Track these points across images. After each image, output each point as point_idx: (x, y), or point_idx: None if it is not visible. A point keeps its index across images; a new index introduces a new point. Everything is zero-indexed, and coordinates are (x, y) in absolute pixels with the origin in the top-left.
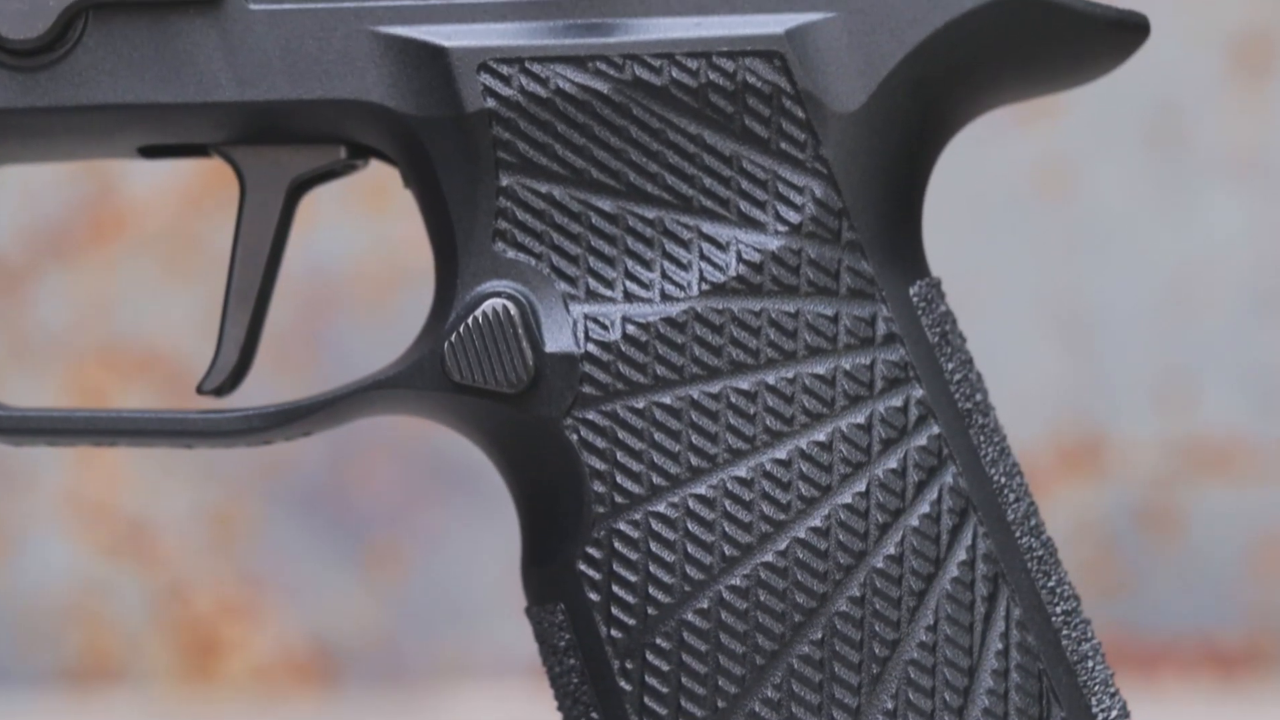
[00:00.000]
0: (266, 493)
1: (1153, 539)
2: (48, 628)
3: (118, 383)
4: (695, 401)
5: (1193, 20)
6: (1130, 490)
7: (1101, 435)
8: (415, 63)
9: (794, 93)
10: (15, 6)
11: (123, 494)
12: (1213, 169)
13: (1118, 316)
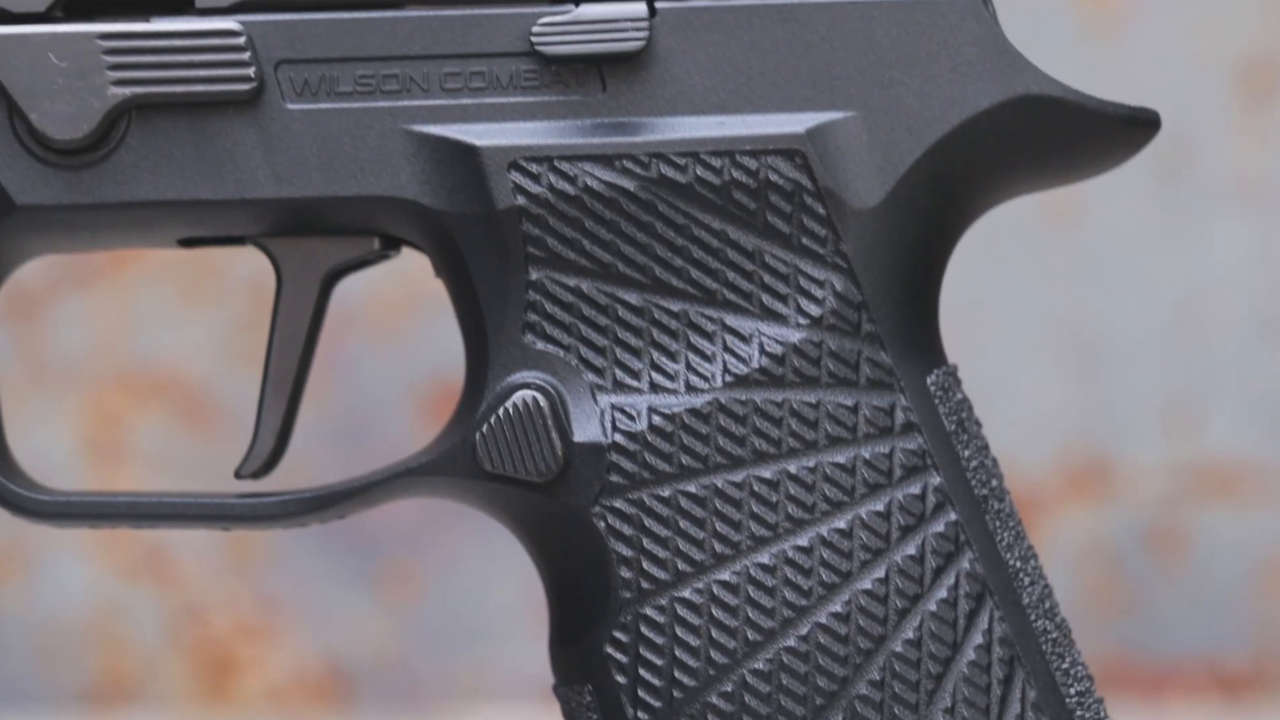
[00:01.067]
0: None
1: (1159, 562)
2: (67, 648)
3: (135, 407)
4: (719, 490)
5: (1200, 47)
6: (1137, 513)
7: (1108, 459)
8: (448, 160)
9: (815, 189)
10: (62, 109)
11: None
12: (1220, 195)
13: (1125, 341)
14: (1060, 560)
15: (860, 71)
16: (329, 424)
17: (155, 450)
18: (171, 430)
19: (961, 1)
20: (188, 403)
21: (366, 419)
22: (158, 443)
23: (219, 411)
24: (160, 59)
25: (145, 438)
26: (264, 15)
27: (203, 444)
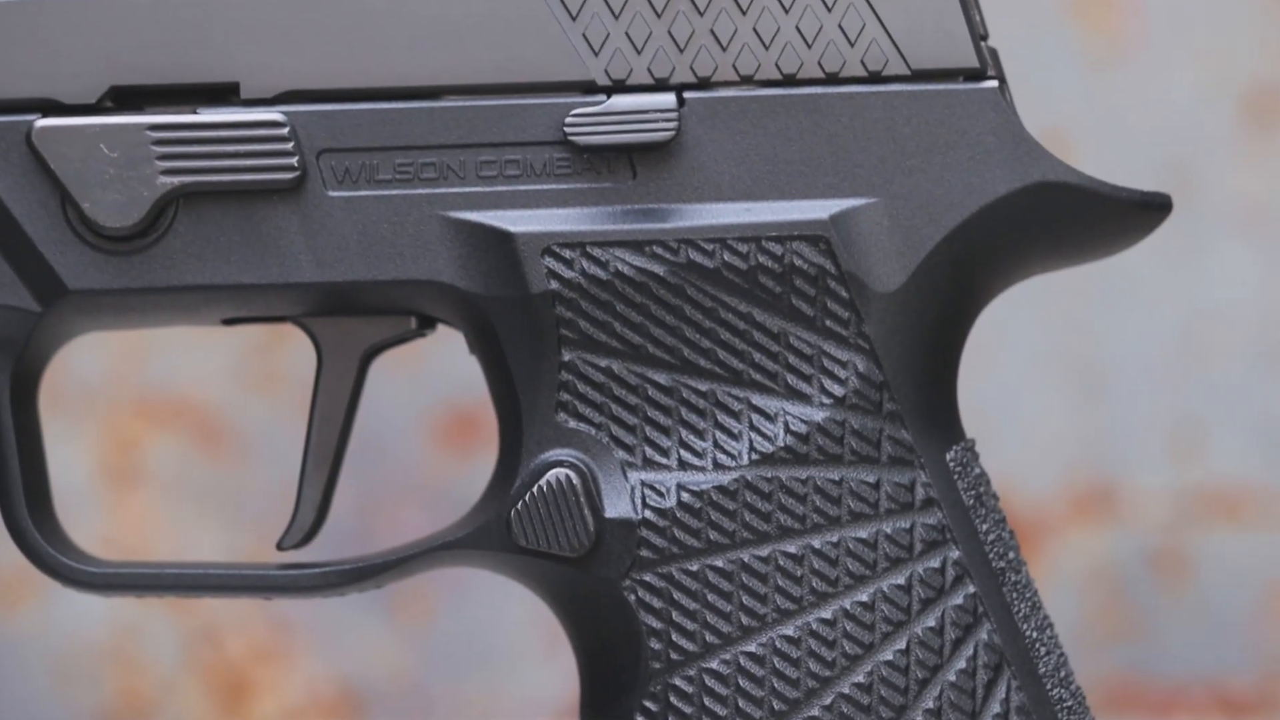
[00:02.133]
0: None
1: (1164, 585)
2: (84, 670)
3: (152, 432)
4: (746, 564)
5: (1205, 75)
6: (1142, 537)
7: (1113, 483)
8: (483, 246)
9: (838, 274)
10: (113, 197)
11: (155, 540)
12: (1224, 222)
13: (1130, 367)
14: (1065, 584)
15: (882, 159)
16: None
17: (170, 474)
18: (186, 454)
19: (979, 92)
20: (202, 427)
21: (380, 445)
22: (173, 467)
23: (233, 436)
24: (207, 149)
25: (160, 462)
26: (307, 106)
27: (217, 467)
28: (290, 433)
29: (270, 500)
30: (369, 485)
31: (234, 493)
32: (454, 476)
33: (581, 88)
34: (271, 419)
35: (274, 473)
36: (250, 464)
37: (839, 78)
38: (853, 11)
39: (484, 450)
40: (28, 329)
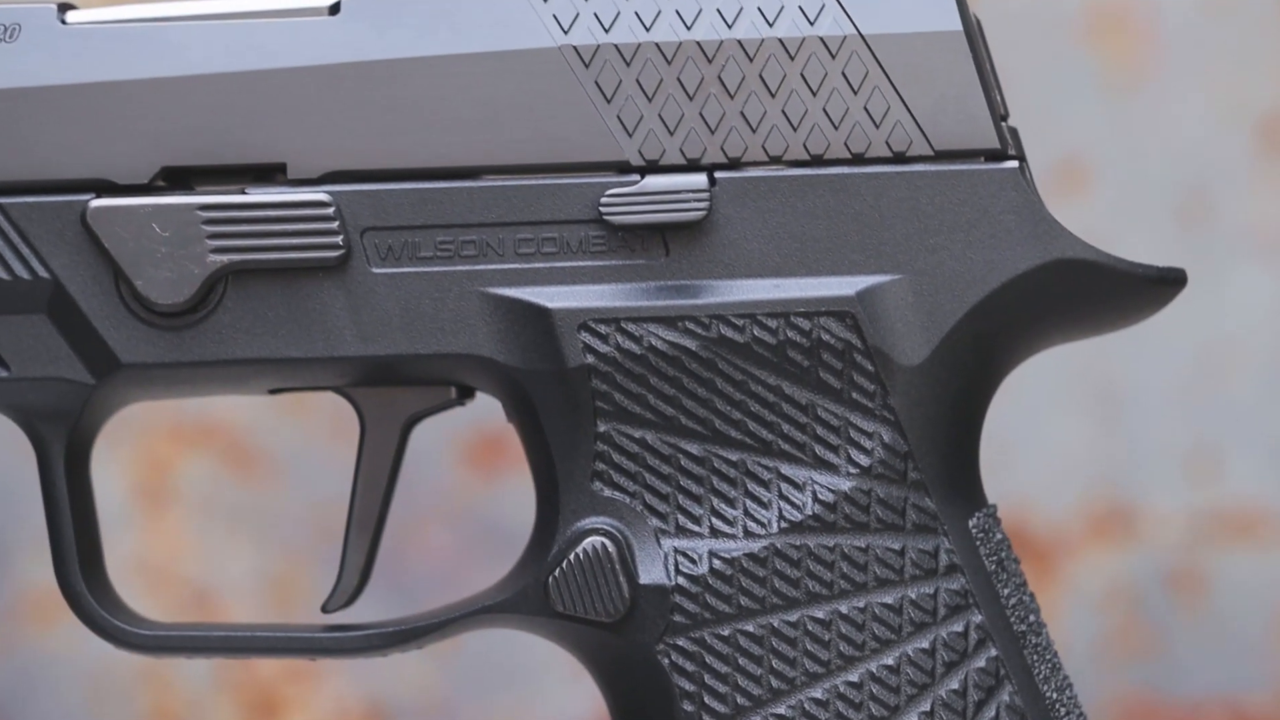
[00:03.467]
0: (323, 557)
1: (1180, 605)
2: (118, 689)
3: (183, 453)
4: (776, 629)
5: (1220, 100)
6: (1159, 557)
7: (1131, 504)
8: (522, 321)
9: (864, 348)
10: (165, 275)
11: (186, 560)
12: (1239, 246)
13: (1147, 391)
14: (1083, 604)
15: (906, 237)
16: None
17: (202, 495)
18: (218, 476)
19: (1001, 172)
20: (234, 449)
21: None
22: (204, 488)
23: (263, 458)
24: (255, 228)
25: (192, 483)
26: (351, 186)
27: (248, 489)
28: (320, 455)
29: (299, 522)
30: (397, 507)
31: (264, 514)
32: (481, 498)
33: (616, 168)
34: (302, 442)
35: (304, 494)
36: (280, 486)
37: (865, 158)
38: (878, 94)
39: (511, 472)
40: (82, 401)
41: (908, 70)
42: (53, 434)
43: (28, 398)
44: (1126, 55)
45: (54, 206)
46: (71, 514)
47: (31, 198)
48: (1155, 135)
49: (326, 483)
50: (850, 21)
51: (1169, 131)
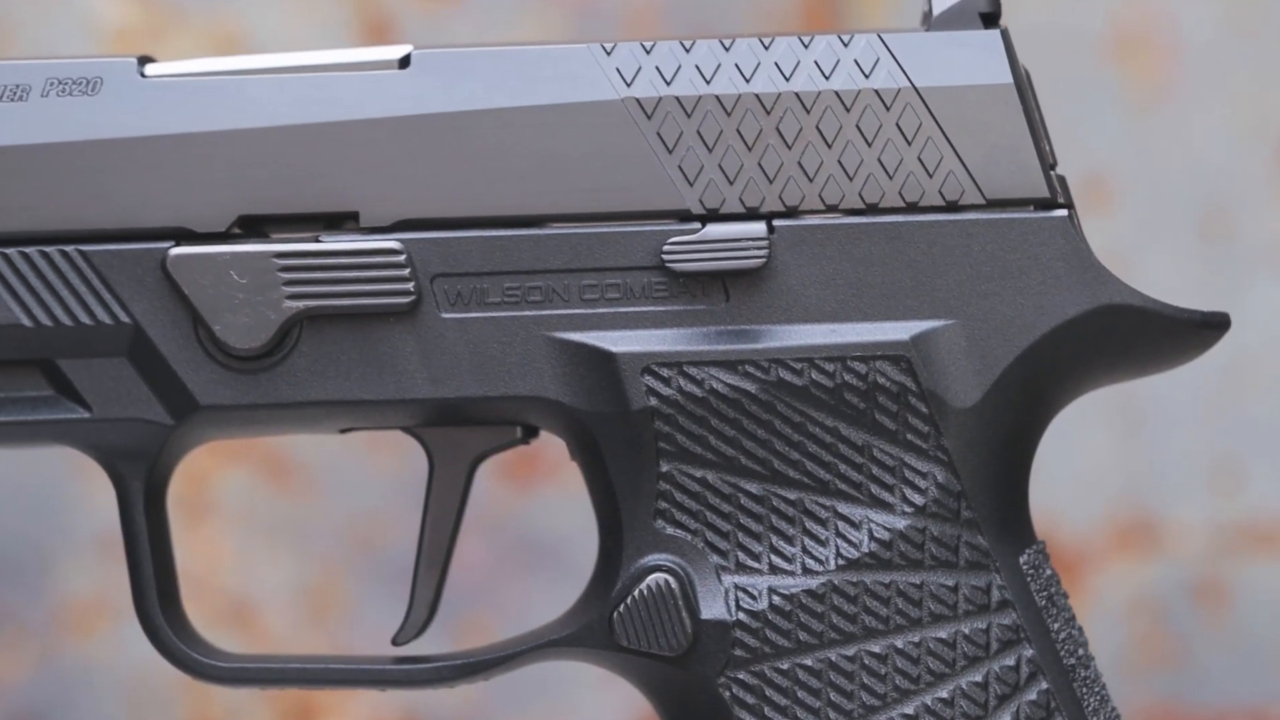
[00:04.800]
0: (360, 568)
1: (1204, 615)
2: (156, 696)
3: (222, 466)
4: (833, 663)
5: (1241, 118)
6: (1182, 568)
7: (1155, 516)
8: (586, 365)
9: (919, 391)
10: (242, 320)
11: (224, 571)
12: (1261, 262)
13: (1171, 405)
14: (1108, 614)
15: (959, 283)
16: (408, 485)
17: (239, 507)
18: (255, 488)
19: (1051, 220)
20: (271, 462)
21: None
22: (242, 500)
23: (301, 470)
24: (329, 275)
25: (230, 495)
26: (421, 234)
27: (285, 501)
28: (357, 468)
29: (337, 534)
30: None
31: (301, 526)
32: (514, 510)
33: (678, 216)
34: (339, 454)
35: (341, 507)
36: (317, 498)
37: (918, 206)
38: (931, 145)
39: (543, 485)
40: (161, 441)
41: (960, 122)
42: (132, 473)
43: (109, 438)
44: (1149, 74)
45: (135, 254)
46: (150, 549)
47: (113, 245)
48: (1177, 153)
49: (364, 495)
50: (904, 75)
51: (1191, 149)
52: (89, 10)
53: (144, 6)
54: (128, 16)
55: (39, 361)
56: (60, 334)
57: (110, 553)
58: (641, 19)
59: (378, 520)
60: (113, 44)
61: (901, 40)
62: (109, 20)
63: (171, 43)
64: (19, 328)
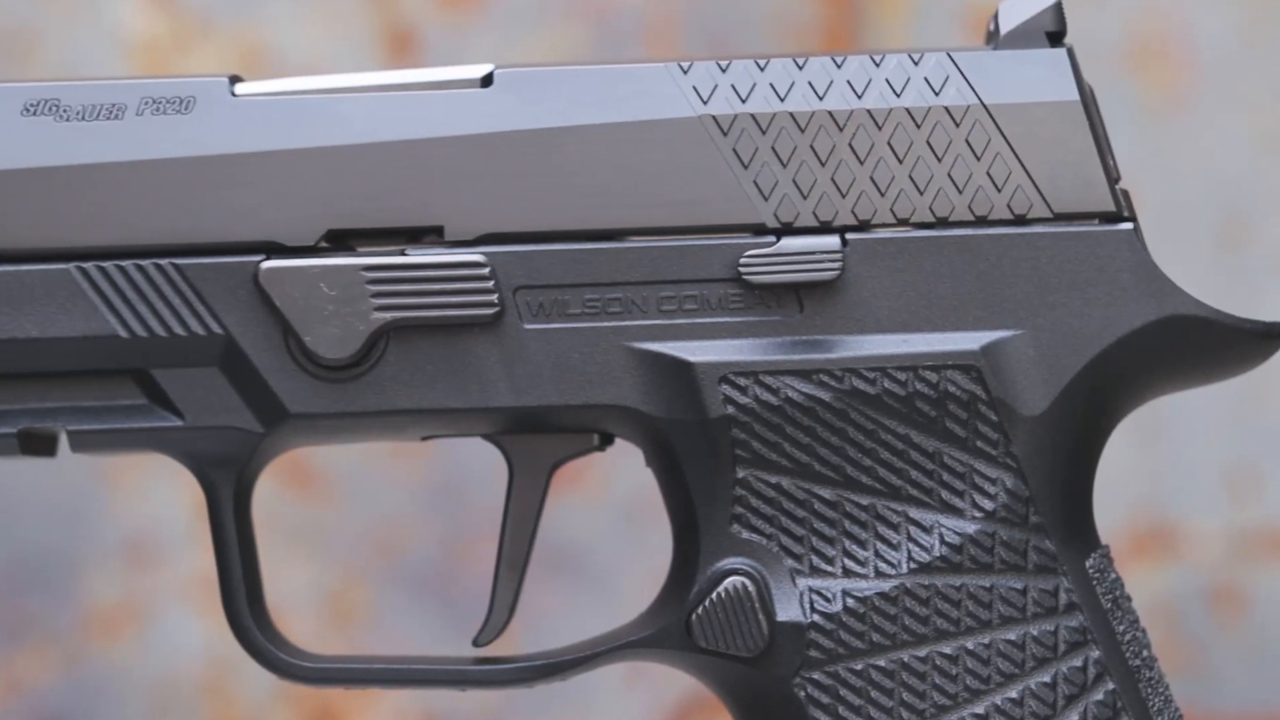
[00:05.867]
0: (381, 574)
1: (1221, 620)
2: (181, 701)
3: None
4: (906, 664)
5: (1258, 126)
6: (1200, 574)
7: (1173, 522)
8: (665, 374)
9: (988, 399)
10: (332, 331)
11: None
12: (1278, 269)
13: (1188, 412)
14: None
15: (1027, 295)
16: (429, 492)
17: (262, 513)
18: (279, 494)
19: (1116, 233)
20: (294, 468)
21: (464, 487)
22: (265, 506)
23: (323, 477)
24: (416, 287)
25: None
26: (505, 247)
27: (307, 508)
28: (379, 474)
29: (359, 540)
30: (455, 525)
31: (323, 532)
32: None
33: (752, 230)
34: (361, 461)
35: (362, 513)
36: (339, 504)
37: (987, 220)
38: (1000, 160)
39: (564, 492)
40: (251, 448)
41: (1028, 137)
42: (222, 479)
43: (200, 445)
44: (1166, 84)
45: (227, 267)
46: (239, 552)
47: (206, 259)
48: (1194, 162)
49: (385, 502)
50: (973, 92)
51: (1208, 158)
52: (115, 23)
53: (170, 19)
54: (153, 29)
55: (133, 371)
56: (155, 345)
57: (135, 559)
58: (661, 32)
59: (399, 527)
60: (138, 57)
61: (970, 58)
62: (135, 33)
63: (196, 55)
64: (115, 339)
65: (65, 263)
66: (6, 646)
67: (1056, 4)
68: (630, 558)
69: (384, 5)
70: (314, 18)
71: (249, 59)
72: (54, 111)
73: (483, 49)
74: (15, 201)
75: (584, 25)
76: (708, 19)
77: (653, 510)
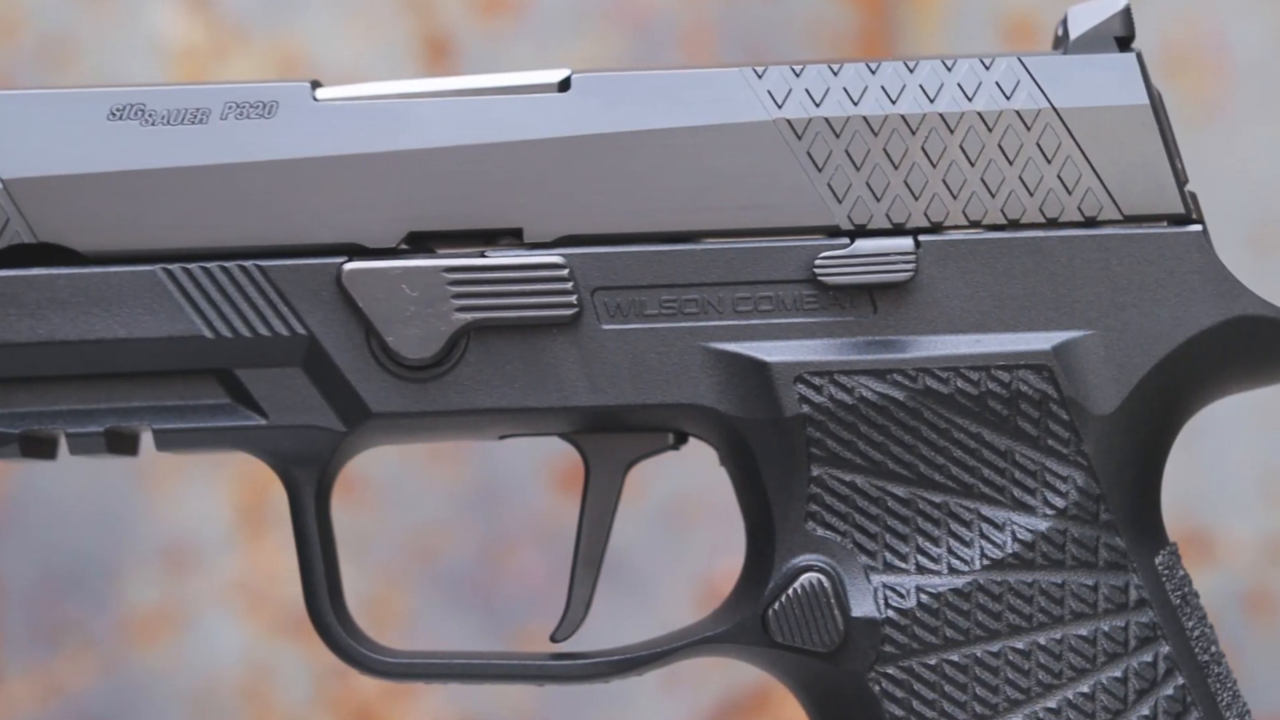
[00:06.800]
0: (419, 579)
1: (1257, 624)
2: (220, 705)
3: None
4: (979, 659)
5: None
6: (1235, 579)
7: (1209, 527)
8: (741, 374)
9: (1060, 399)
10: (414, 332)
11: (285, 582)
12: None
13: (1224, 417)
14: None
15: (1098, 296)
16: (466, 497)
17: None
18: None
19: (1186, 235)
20: None
21: (502, 491)
22: None
23: (362, 483)
24: (496, 288)
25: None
26: (583, 249)
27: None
28: (416, 480)
29: (396, 545)
30: (490, 528)
31: (361, 537)
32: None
33: (827, 231)
34: (398, 467)
35: (400, 518)
36: (378, 510)
37: (1058, 222)
38: (1070, 163)
39: None
40: (332, 447)
41: (1098, 141)
42: (305, 477)
43: (284, 444)
44: (1200, 91)
45: (310, 269)
46: (321, 550)
47: (289, 260)
48: (1229, 168)
49: (423, 507)
50: (1044, 96)
51: (1242, 164)
52: (154, 31)
53: (208, 27)
54: (191, 36)
55: (217, 371)
56: (239, 345)
57: (174, 564)
58: (697, 38)
59: (437, 532)
60: (176, 64)
61: (1041, 63)
62: (173, 41)
63: (234, 62)
64: (200, 339)
65: (151, 264)
66: (46, 651)
67: (1125, 9)
68: (667, 562)
69: (421, 13)
70: (351, 25)
71: (286, 66)
72: (139, 116)
73: (519, 56)
74: (102, 204)
75: (620, 31)
76: (743, 25)
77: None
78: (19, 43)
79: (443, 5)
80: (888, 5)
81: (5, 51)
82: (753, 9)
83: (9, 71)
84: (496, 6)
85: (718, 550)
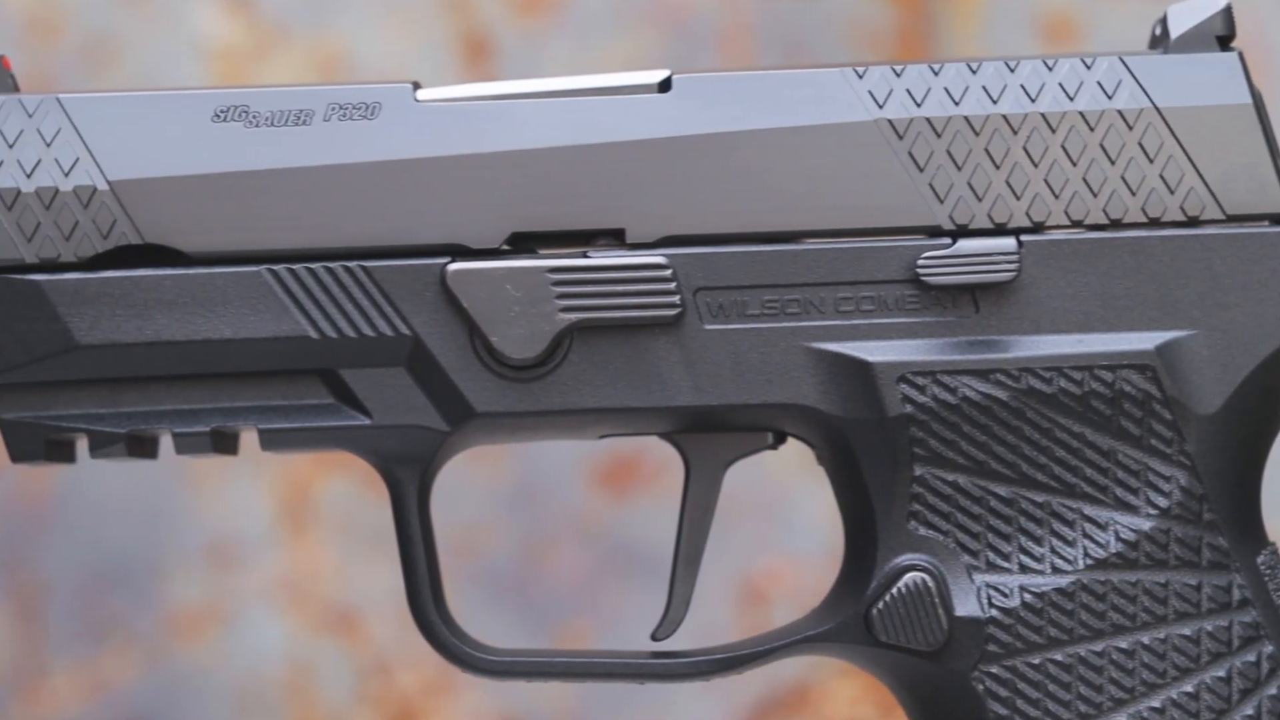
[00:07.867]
0: (459, 577)
1: None
2: (263, 701)
3: (324, 475)
4: (1083, 658)
5: None
6: None
7: None
8: (843, 374)
9: (1163, 399)
10: (518, 332)
11: (327, 580)
12: None
13: None
14: None
15: (1200, 295)
16: (506, 496)
17: (342, 517)
18: (358, 497)
19: None
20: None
21: (542, 488)
22: (344, 509)
23: None
24: (599, 289)
25: (333, 505)
26: (685, 249)
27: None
28: (457, 478)
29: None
30: (531, 527)
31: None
32: (612, 519)
33: (928, 232)
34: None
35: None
36: None
37: (1160, 222)
38: (1173, 163)
39: (640, 493)
40: (436, 446)
41: (1200, 140)
42: (408, 476)
43: (387, 444)
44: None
45: (414, 269)
46: (423, 549)
47: (393, 261)
48: None
49: (463, 506)
50: (1146, 96)
51: None
52: (195, 31)
53: (249, 27)
54: (233, 36)
55: (321, 371)
56: (343, 345)
57: (218, 561)
58: (736, 38)
59: (476, 530)
60: (217, 64)
61: (1143, 62)
62: (214, 41)
63: (275, 62)
64: (305, 339)
65: (256, 265)
66: (91, 647)
67: (1226, 8)
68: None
69: (460, 12)
70: (391, 25)
71: (327, 66)
72: (243, 117)
73: (558, 56)
74: (207, 205)
75: (659, 32)
76: (781, 24)
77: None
78: (61, 43)
79: (481, 4)
80: (926, 4)
81: (48, 52)
82: (791, 8)
83: (52, 72)
84: (535, 6)
85: (757, 549)
